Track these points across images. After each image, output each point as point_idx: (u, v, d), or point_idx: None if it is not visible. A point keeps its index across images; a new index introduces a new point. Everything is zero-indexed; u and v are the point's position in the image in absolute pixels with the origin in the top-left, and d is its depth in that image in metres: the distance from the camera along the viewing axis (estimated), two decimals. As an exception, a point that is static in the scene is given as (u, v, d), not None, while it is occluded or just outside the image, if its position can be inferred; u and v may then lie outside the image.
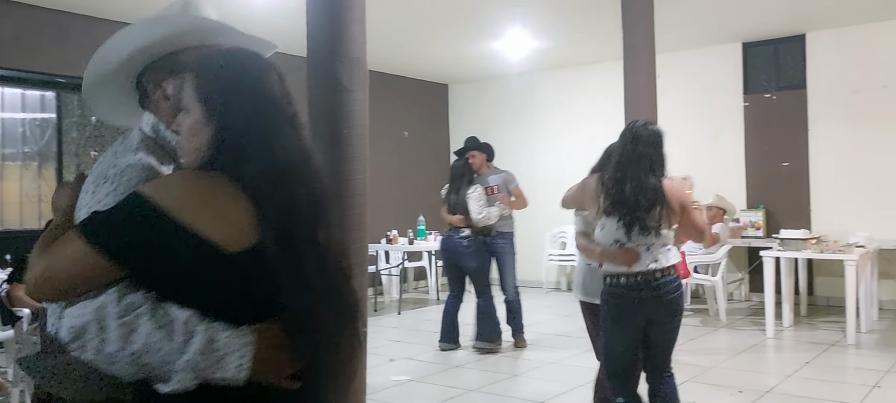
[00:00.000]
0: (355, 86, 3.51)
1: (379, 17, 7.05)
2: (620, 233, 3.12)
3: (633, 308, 3.14)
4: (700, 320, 7.50)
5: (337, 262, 1.36)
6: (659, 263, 3.11)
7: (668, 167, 3.24)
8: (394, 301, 8.77)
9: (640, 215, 3.08)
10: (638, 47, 6.01)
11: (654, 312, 3.15)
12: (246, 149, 1.26)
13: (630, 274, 3.11)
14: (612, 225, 3.15)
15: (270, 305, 1.23)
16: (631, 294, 3.12)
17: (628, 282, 3.12)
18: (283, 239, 1.23)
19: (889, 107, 7.69)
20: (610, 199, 3.15)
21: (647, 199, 3.08)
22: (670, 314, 3.19)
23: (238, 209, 1.22)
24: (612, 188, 3.15)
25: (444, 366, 5.76)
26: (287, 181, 1.27)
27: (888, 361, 5.49)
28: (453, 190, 6.17)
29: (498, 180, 6.39)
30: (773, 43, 8.38)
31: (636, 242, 3.11)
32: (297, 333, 1.24)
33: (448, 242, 6.20)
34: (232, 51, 1.40)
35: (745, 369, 5.47)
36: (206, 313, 1.20)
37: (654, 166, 3.14)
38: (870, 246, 6.73)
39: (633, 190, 3.09)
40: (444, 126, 10.96)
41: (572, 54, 9.11)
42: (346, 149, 3.45)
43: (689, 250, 7.72)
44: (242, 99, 1.30)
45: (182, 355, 1.17)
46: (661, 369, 3.31)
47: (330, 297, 1.31)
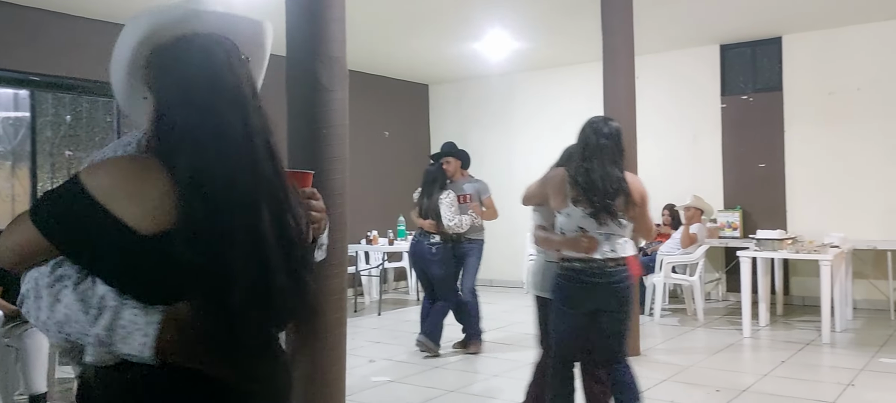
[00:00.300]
0: (335, 85, 3.50)
1: (359, 16, 7.03)
2: (586, 221, 3.27)
3: (584, 292, 3.29)
4: (678, 319, 7.56)
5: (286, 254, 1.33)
6: (615, 253, 3.27)
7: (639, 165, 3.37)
8: (374, 301, 8.75)
9: (607, 202, 3.23)
10: (617, 49, 6.05)
11: (603, 300, 3.29)
12: (178, 136, 1.29)
13: (585, 261, 3.26)
14: (578, 214, 3.29)
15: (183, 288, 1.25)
16: (584, 279, 3.27)
17: (582, 268, 3.27)
18: (208, 227, 1.24)
19: (863, 109, 7.81)
20: (579, 188, 3.28)
21: (612, 188, 3.24)
22: (619, 302, 3.32)
23: (157, 193, 1.24)
24: (581, 177, 3.28)
25: (424, 367, 5.75)
26: (221, 169, 1.28)
27: (862, 360, 5.56)
28: (426, 194, 6.14)
29: (471, 189, 6.32)
30: (749, 45, 8.47)
31: (598, 230, 3.26)
32: (212, 319, 1.25)
33: (417, 247, 6.15)
34: (180, 38, 1.38)
35: (722, 368, 5.52)
36: (123, 291, 1.24)
37: (617, 158, 3.30)
38: (844, 247, 6.83)
39: (600, 178, 3.24)
40: (425, 126, 10.96)
41: (552, 55, 9.14)
42: (325, 148, 3.44)
43: (667, 250, 7.80)
44: (179, 87, 1.33)
45: (92, 328, 1.22)
46: (614, 359, 3.40)
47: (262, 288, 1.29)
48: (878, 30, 7.70)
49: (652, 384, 5.07)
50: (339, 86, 3.52)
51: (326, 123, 3.46)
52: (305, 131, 3.45)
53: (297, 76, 3.50)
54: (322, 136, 3.44)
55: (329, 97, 3.47)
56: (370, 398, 4.93)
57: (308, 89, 3.45)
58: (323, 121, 3.45)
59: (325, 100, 3.46)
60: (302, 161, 3.46)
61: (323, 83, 3.45)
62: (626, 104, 6.08)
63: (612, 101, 6.09)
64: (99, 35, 7.04)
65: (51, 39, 6.68)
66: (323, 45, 3.46)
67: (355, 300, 8.63)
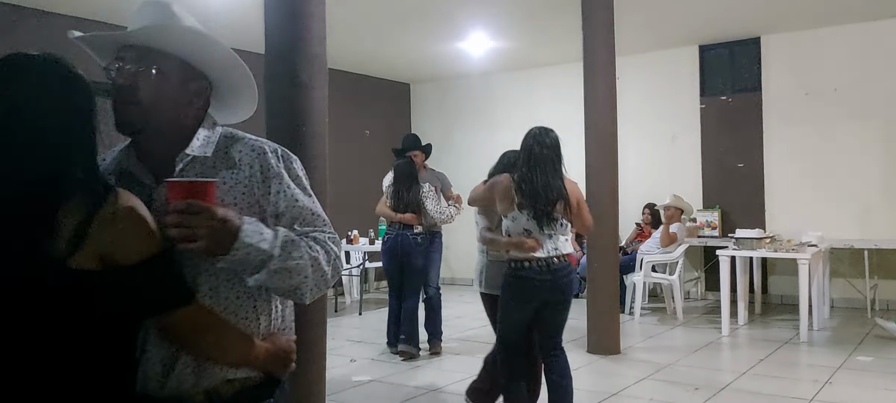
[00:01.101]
0: (314, 82, 3.47)
1: (340, 15, 7.00)
2: (530, 224, 3.59)
3: (533, 288, 3.62)
4: (657, 318, 7.60)
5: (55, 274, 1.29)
6: (558, 250, 3.64)
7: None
8: (355, 301, 8.71)
9: (548, 208, 3.58)
10: (597, 50, 6.07)
11: (549, 293, 3.64)
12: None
13: (533, 260, 3.59)
14: (523, 218, 3.61)
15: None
16: (533, 276, 3.60)
17: (532, 266, 3.59)
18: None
19: (840, 109, 7.89)
20: (523, 195, 3.60)
21: (553, 195, 3.59)
22: (563, 294, 3.69)
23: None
24: (526, 185, 3.61)
25: (405, 366, 5.73)
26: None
27: (839, 358, 5.62)
28: (403, 188, 6.08)
29: (437, 181, 6.34)
30: (728, 46, 8.54)
31: (542, 232, 3.59)
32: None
33: (400, 240, 6.07)
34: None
35: (701, 366, 5.56)
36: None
37: (556, 166, 3.67)
38: (822, 246, 6.90)
39: (542, 187, 3.58)
40: (406, 125, 10.92)
41: (533, 55, 9.16)
42: (304, 147, 3.41)
43: (646, 249, 7.84)
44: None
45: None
46: (552, 347, 3.74)
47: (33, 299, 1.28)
48: (854, 31, 7.79)
49: (631, 382, 5.10)
50: (318, 83, 3.49)
51: (306, 120, 3.43)
52: (284, 128, 3.41)
53: (276, 73, 3.46)
54: (301, 134, 3.40)
55: (308, 94, 3.44)
56: (351, 397, 4.90)
57: (287, 86, 3.42)
58: (302, 118, 3.42)
59: (305, 97, 3.43)
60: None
61: (302, 80, 3.42)
62: (607, 104, 6.11)
63: (592, 101, 6.12)
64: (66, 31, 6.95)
65: (35, 38, 6.57)
66: (302, 41, 3.43)
67: (336, 300, 8.59)
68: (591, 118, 6.13)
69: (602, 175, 6.06)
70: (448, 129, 10.33)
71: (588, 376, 5.34)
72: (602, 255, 6.06)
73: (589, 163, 6.11)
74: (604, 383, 5.13)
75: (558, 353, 3.74)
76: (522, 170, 3.64)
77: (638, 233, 8.58)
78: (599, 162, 6.07)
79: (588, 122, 6.14)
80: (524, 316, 3.68)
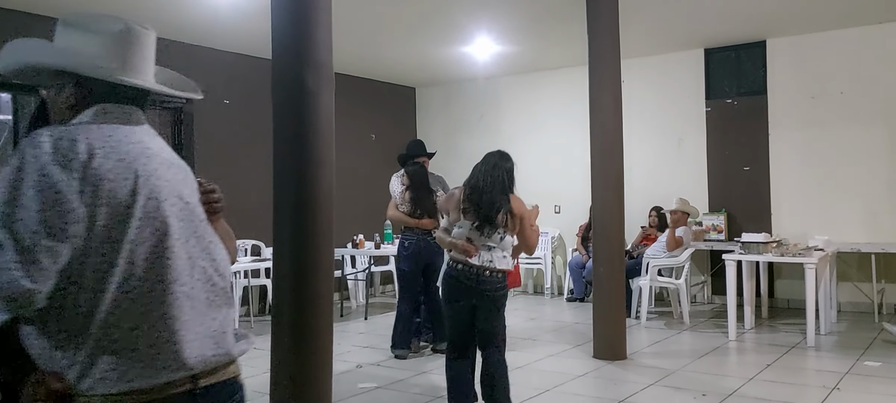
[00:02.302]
0: (321, 89, 3.48)
1: (346, 20, 7.02)
2: (473, 233, 3.90)
3: (461, 290, 3.93)
4: (664, 322, 7.58)
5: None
6: (492, 264, 3.89)
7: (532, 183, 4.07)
8: (360, 305, 8.71)
9: (489, 219, 3.89)
10: (603, 54, 6.07)
11: (477, 299, 3.93)
12: None
13: (466, 265, 3.89)
14: (467, 225, 3.93)
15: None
16: (461, 279, 3.91)
17: (462, 270, 3.91)
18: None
19: (846, 113, 7.87)
20: (467, 204, 3.98)
21: (495, 207, 3.91)
22: (490, 304, 3.94)
23: None
24: (471, 196, 3.99)
25: (412, 372, 5.72)
26: None
27: (846, 363, 5.60)
28: (421, 194, 6.13)
29: (437, 184, 6.41)
30: (734, 49, 8.52)
31: (481, 242, 3.89)
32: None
33: (423, 244, 6.11)
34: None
35: (708, 372, 5.54)
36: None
37: (505, 184, 3.99)
38: (828, 249, 6.87)
39: (486, 199, 3.93)
40: (412, 129, 10.93)
41: (539, 59, 9.16)
42: (311, 152, 3.42)
43: (652, 253, 7.83)
44: None
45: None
46: (487, 348, 4.00)
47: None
48: (860, 34, 7.77)
49: (638, 388, 5.08)
50: (325, 90, 3.50)
51: (312, 127, 3.44)
52: (291, 135, 3.42)
53: (282, 80, 3.47)
54: (308, 141, 3.41)
55: (315, 101, 3.45)
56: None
57: (294, 93, 3.43)
58: (309, 125, 3.43)
59: (311, 104, 3.44)
60: (288, 164, 3.44)
61: (309, 87, 3.43)
62: (613, 108, 6.10)
63: (598, 105, 6.11)
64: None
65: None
66: (309, 49, 3.44)
67: (342, 304, 8.59)
68: (597, 122, 6.12)
69: (608, 178, 6.05)
70: (453, 133, 10.34)
71: (594, 382, 5.33)
72: (608, 260, 6.05)
73: (594, 167, 6.10)
74: (610, 389, 5.12)
75: (491, 351, 3.99)
76: (473, 184, 4.02)
77: (644, 237, 8.56)
78: (605, 165, 6.06)
79: (594, 126, 6.13)
80: (455, 314, 3.98)
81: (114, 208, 1.44)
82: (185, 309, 1.52)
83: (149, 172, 1.52)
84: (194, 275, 1.57)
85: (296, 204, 3.46)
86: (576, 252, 9.16)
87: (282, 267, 3.48)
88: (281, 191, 3.52)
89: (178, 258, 1.53)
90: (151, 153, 1.57)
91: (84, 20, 1.61)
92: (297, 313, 3.39)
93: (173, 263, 1.52)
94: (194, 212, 1.63)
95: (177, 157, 1.67)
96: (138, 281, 1.46)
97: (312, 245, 3.41)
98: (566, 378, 5.38)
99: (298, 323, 3.40)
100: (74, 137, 1.44)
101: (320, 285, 3.45)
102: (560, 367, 5.74)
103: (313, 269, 3.42)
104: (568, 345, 6.48)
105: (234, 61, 8.22)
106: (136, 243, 1.46)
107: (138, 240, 1.47)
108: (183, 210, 1.59)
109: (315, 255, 3.44)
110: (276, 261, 3.53)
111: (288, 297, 3.48)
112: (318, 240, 3.44)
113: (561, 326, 7.50)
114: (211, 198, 1.74)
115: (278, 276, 3.52)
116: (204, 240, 1.63)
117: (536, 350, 6.25)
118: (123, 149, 1.50)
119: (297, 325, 3.42)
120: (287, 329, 3.42)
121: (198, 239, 1.61)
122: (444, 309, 4.13)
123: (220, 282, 1.64)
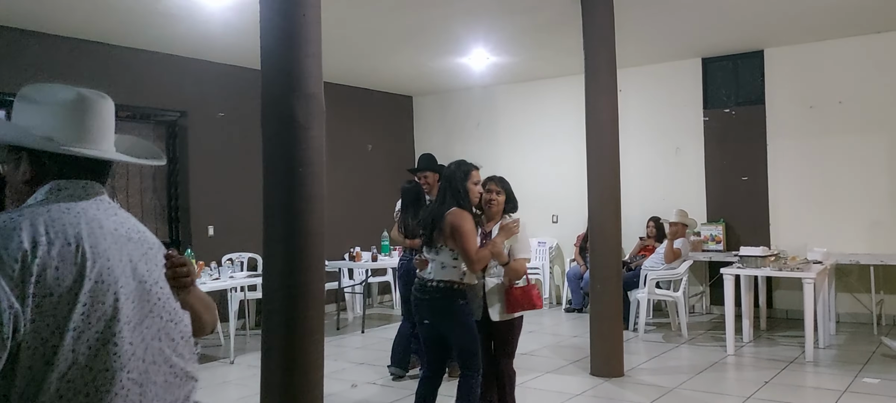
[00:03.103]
0: (311, 123, 3.44)
1: (344, 31, 6.99)
2: (425, 247, 4.00)
3: (416, 304, 4.01)
4: (662, 335, 7.55)
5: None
6: (432, 275, 3.91)
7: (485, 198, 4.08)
8: (357, 317, 8.67)
9: (428, 232, 3.95)
10: (599, 66, 6.02)
11: (428, 313, 3.95)
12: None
13: (419, 278, 4.00)
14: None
15: None
16: (416, 293, 4.00)
17: (417, 284, 4.02)
18: None
19: (844, 122, 7.83)
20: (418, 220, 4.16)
21: (431, 222, 3.94)
22: (439, 316, 3.92)
23: None
24: (423, 213, 4.18)
25: (408, 391, 5.68)
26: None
27: (845, 380, 5.56)
28: (410, 213, 6.05)
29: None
30: (731, 58, 8.48)
31: (430, 256, 3.94)
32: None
33: (409, 265, 6.06)
34: None
35: (705, 390, 5.50)
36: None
37: (447, 198, 3.92)
38: (827, 262, 6.83)
39: (428, 214, 4.03)
40: (409, 138, 10.90)
41: (535, 69, 9.12)
42: (301, 187, 3.38)
43: (650, 265, 7.79)
44: None
45: None
46: (460, 365, 3.94)
47: None
48: (858, 43, 7.73)
49: (635, 410, 5.05)
50: (315, 123, 3.45)
51: (303, 162, 3.40)
52: (282, 170, 3.39)
53: (272, 114, 3.43)
54: (298, 175, 3.37)
55: (305, 135, 3.40)
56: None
57: (284, 127, 3.39)
58: (299, 159, 3.39)
59: (302, 138, 3.40)
60: (278, 200, 3.40)
61: (299, 121, 3.39)
62: (609, 118, 6.06)
63: (593, 116, 6.06)
64: (72, 53, 6.94)
65: (25, 58, 6.57)
66: (299, 81, 3.40)
67: (338, 316, 8.56)
68: (593, 133, 6.07)
69: (604, 189, 5.99)
70: (450, 142, 10.30)
71: (591, 402, 5.29)
72: (605, 275, 5.99)
73: (591, 177, 6.05)
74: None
75: (463, 373, 3.91)
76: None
77: (642, 247, 8.52)
78: (602, 175, 6.01)
79: (589, 137, 6.09)
80: (421, 327, 4.03)
81: (59, 295, 1.39)
82: (133, 397, 1.47)
83: (98, 254, 1.47)
84: (147, 359, 1.52)
85: (286, 237, 3.42)
86: (574, 262, 9.13)
87: (273, 301, 3.44)
88: (271, 225, 3.48)
89: (127, 343, 1.48)
90: (104, 232, 1.51)
91: (36, 92, 1.57)
92: (288, 350, 3.35)
93: (121, 349, 1.46)
94: (151, 292, 1.57)
95: (139, 230, 1.61)
96: (81, 370, 1.41)
97: (303, 280, 3.37)
98: (563, 398, 5.35)
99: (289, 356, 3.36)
100: (16, 226, 1.40)
101: (311, 320, 3.41)
102: (557, 386, 5.70)
103: (304, 302, 3.38)
104: (565, 361, 6.45)
105: (228, 73, 8.18)
106: (81, 330, 1.41)
107: (83, 327, 1.41)
108: (137, 290, 1.53)
109: (306, 289, 3.41)
110: (266, 295, 3.50)
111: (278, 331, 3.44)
112: (308, 276, 3.41)
113: (559, 339, 7.46)
114: (179, 273, 1.67)
115: (269, 310, 3.48)
116: (162, 320, 1.57)
117: (534, 367, 6.21)
118: (72, 232, 1.45)
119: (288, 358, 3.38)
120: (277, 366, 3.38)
121: (154, 320, 1.55)
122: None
123: (178, 363, 1.58)
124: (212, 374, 6.32)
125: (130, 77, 7.37)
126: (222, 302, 7.27)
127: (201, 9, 6.10)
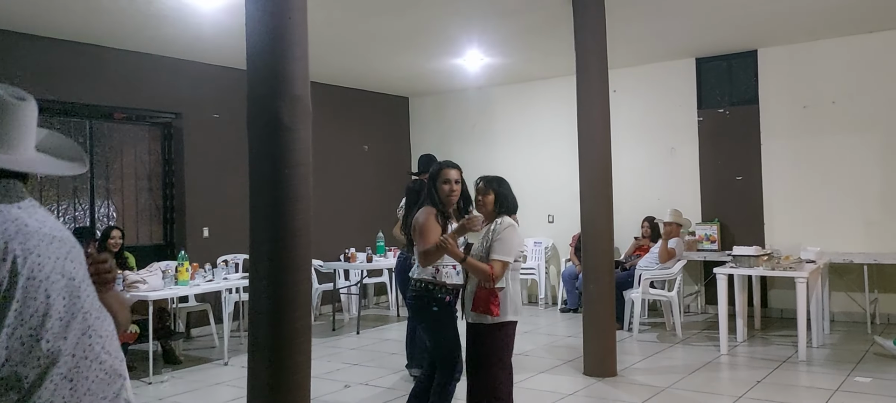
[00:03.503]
0: (297, 125, 3.44)
1: (338, 32, 7.00)
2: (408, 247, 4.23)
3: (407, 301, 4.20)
4: (656, 334, 7.55)
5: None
6: (415, 274, 4.01)
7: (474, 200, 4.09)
8: (353, 318, 8.68)
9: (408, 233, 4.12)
10: (590, 66, 6.03)
11: (410, 311, 4.18)
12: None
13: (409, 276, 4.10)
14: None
15: None
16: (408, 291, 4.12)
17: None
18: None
19: (837, 122, 7.84)
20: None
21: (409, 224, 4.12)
22: (417, 315, 4.06)
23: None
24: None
25: (401, 392, 5.69)
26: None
27: (837, 379, 5.57)
28: (409, 212, 6.07)
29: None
30: (725, 58, 8.49)
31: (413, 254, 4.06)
32: None
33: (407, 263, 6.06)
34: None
35: (698, 390, 5.51)
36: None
37: (425, 198, 4.08)
38: (820, 261, 6.84)
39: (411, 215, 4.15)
40: (405, 139, 10.91)
41: (529, 70, 9.13)
42: (287, 189, 3.39)
43: (645, 265, 7.80)
44: None
45: None
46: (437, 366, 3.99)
47: None
48: (852, 43, 7.74)
49: (626, 410, 5.06)
50: (301, 125, 3.46)
51: (288, 163, 3.41)
52: (267, 172, 3.40)
53: (258, 116, 3.44)
54: (284, 177, 3.38)
55: (291, 137, 3.41)
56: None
57: (270, 129, 3.40)
58: (285, 161, 3.40)
59: (288, 140, 3.41)
60: (263, 201, 3.41)
61: (285, 123, 3.40)
62: (600, 119, 6.06)
63: (585, 117, 6.07)
64: (70, 56, 6.96)
65: (23, 61, 6.59)
66: (285, 84, 3.41)
67: (334, 317, 8.57)
68: (585, 133, 6.08)
69: (596, 189, 6.00)
70: (446, 142, 10.31)
71: (583, 401, 5.30)
72: (598, 275, 5.99)
73: (583, 178, 6.06)
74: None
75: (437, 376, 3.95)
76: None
77: (637, 247, 8.53)
78: (594, 176, 6.01)
79: (581, 138, 6.09)
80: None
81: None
82: (64, 393, 1.49)
83: (28, 250, 1.48)
84: (77, 355, 1.52)
85: (271, 239, 3.43)
86: (569, 262, 9.14)
87: (259, 303, 3.45)
88: (257, 227, 3.49)
89: (60, 339, 1.49)
90: (30, 230, 1.51)
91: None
92: (275, 351, 3.36)
93: (53, 346, 1.47)
94: (79, 289, 1.58)
95: (60, 229, 1.62)
96: (14, 367, 1.42)
97: (290, 280, 3.38)
98: (555, 397, 5.35)
99: (275, 360, 3.37)
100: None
101: (297, 321, 3.42)
102: (550, 385, 5.71)
103: (290, 306, 3.39)
104: (559, 361, 6.46)
105: (222, 75, 8.18)
106: (14, 327, 1.42)
107: (16, 325, 1.42)
108: (66, 287, 1.54)
109: (292, 289, 3.41)
110: (253, 297, 3.51)
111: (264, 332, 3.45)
112: (295, 276, 3.41)
113: (553, 339, 7.47)
114: (101, 270, 1.69)
115: (255, 311, 3.49)
116: (90, 317, 1.58)
117: (527, 367, 6.22)
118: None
119: (275, 362, 3.39)
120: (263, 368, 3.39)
121: (84, 316, 1.56)
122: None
123: (108, 360, 1.59)
124: (206, 375, 6.33)
125: (125, 79, 7.39)
126: (217, 303, 7.28)
127: (193, 11, 6.12)
